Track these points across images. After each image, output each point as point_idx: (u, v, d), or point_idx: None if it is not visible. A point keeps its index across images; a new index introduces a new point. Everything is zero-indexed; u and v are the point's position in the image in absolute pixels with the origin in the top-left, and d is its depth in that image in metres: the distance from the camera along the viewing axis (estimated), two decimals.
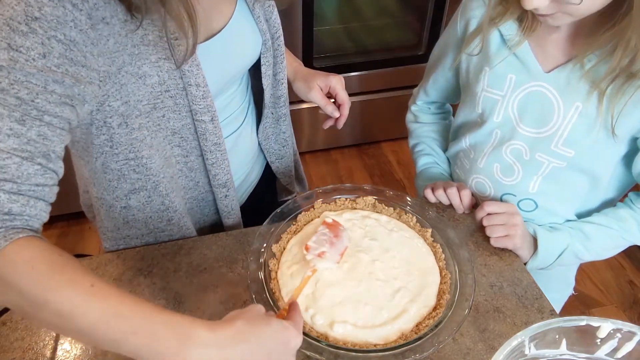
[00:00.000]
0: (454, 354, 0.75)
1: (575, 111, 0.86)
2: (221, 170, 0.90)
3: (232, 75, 0.90)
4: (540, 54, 0.88)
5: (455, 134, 1.11)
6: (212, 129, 0.84)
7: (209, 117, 0.83)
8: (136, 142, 0.78)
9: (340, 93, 1.02)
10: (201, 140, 0.85)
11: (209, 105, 0.82)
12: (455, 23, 1.00)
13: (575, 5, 0.72)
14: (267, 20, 0.93)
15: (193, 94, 0.79)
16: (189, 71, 0.77)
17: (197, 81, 0.78)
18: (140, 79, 0.73)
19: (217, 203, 0.95)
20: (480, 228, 0.94)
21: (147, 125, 0.78)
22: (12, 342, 0.75)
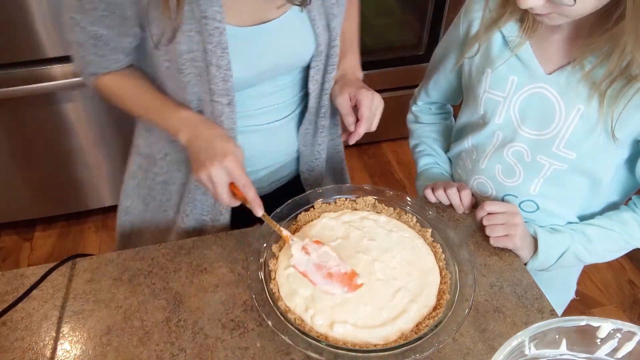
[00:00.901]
0: (454, 354, 0.75)
1: (576, 113, 0.85)
2: None
3: (271, 68, 0.89)
4: (541, 55, 0.88)
5: (457, 135, 1.11)
6: (229, 112, 0.87)
7: (226, 100, 0.85)
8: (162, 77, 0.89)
9: (363, 109, 0.93)
10: (217, 122, 0.88)
11: (228, 89, 0.84)
12: (457, 25, 1.00)
13: (569, 7, 0.72)
14: (328, 26, 0.91)
15: (213, 73, 0.82)
16: (212, 51, 0.80)
17: (220, 63, 0.81)
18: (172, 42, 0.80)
19: None
20: (480, 228, 0.94)
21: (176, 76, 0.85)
22: (12, 342, 0.75)
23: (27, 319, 0.78)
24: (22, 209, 2.18)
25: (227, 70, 0.82)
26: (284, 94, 0.97)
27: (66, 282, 0.84)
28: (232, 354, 0.74)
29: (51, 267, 0.85)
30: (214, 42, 0.79)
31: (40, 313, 0.79)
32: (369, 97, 0.93)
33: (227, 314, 0.79)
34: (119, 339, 0.76)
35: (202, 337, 0.76)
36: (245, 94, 0.90)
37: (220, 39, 0.79)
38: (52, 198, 2.18)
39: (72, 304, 0.81)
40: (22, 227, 2.26)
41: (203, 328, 0.77)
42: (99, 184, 2.19)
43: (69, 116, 1.95)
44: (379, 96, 0.95)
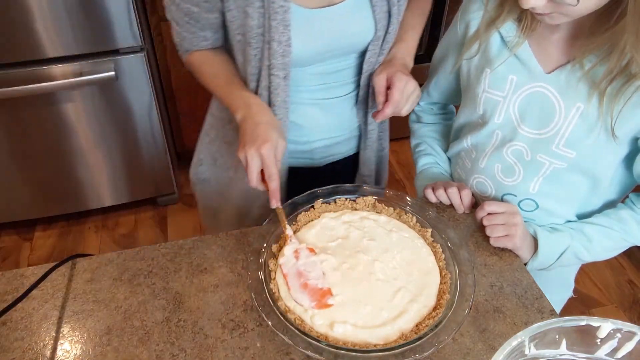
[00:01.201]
0: (454, 354, 0.75)
1: (576, 112, 0.86)
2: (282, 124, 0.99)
3: (331, 49, 0.96)
4: (540, 55, 0.88)
5: (456, 134, 1.11)
6: (284, 86, 0.95)
7: (282, 74, 0.93)
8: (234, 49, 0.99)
9: (394, 91, 0.94)
10: (273, 94, 0.96)
11: (285, 64, 0.92)
12: (455, 26, 1.00)
13: (572, 6, 0.72)
14: (389, 12, 0.96)
15: (274, 48, 0.89)
16: (275, 27, 0.87)
17: (281, 39, 0.88)
18: (244, 14, 0.89)
19: None
20: (480, 228, 0.94)
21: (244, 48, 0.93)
22: (12, 342, 0.75)
23: (27, 319, 0.78)
24: (22, 209, 2.18)
25: (286, 46, 0.89)
26: (341, 74, 1.03)
27: (66, 282, 0.84)
28: (232, 354, 0.74)
29: (51, 267, 0.85)
30: (277, 19, 0.86)
31: (40, 313, 0.79)
32: (403, 81, 0.95)
33: (227, 314, 0.79)
34: (119, 339, 0.76)
35: (202, 337, 0.76)
36: (303, 70, 0.98)
37: (284, 17, 0.86)
38: (52, 198, 2.18)
39: (72, 304, 0.81)
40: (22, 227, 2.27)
41: (203, 328, 0.77)
42: (99, 184, 2.19)
43: (69, 116, 1.95)
44: (415, 83, 0.96)
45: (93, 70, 1.84)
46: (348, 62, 1.02)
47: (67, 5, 1.70)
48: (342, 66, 1.01)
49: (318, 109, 1.06)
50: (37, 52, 1.77)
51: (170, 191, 2.35)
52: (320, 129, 1.10)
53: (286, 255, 0.81)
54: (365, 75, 1.03)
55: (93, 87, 1.90)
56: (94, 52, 1.83)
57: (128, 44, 1.84)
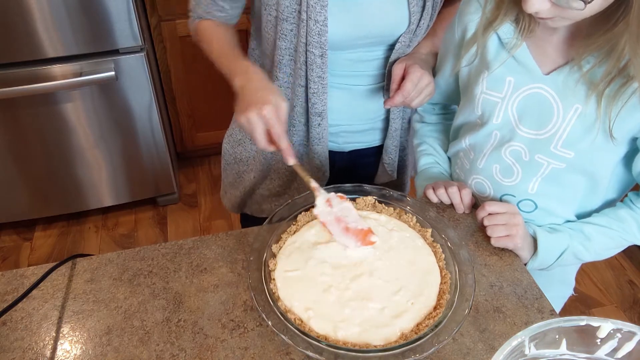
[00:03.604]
0: (454, 354, 0.75)
1: (574, 113, 0.86)
2: (319, 100, 1.04)
3: (362, 37, 1.00)
4: (539, 56, 0.88)
5: (455, 134, 1.11)
6: (320, 63, 0.99)
7: (319, 52, 0.98)
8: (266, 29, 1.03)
9: (407, 82, 0.99)
10: (309, 70, 1.00)
11: (322, 42, 0.96)
12: (452, 29, 1.00)
13: (579, 11, 0.72)
14: (423, 6, 1.00)
15: (311, 27, 0.95)
16: (312, 6, 0.93)
17: (317, 18, 0.94)
18: None
19: (310, 130, 1.10)
20: (481, 228, 0.94)
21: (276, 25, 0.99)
22: (12, 342, 0.75)
23: (27, 319, 0.78)
24: (22, 209, 2.18)
25: (323, 25, 0.94)
26: (371, 65, 1.06)
27: (66, 282, 0.84)
28: (232, 354, 0.74)
29: (51, 267, 0.85)
30: None
31: (40, 313, 0.79)
32: (418, 73, 0.99)
33: (227, 314, 0.79)
34: (119, 339, 0.76)
35: (202, 337, 0.76)
36: (335, 54, 1.01)
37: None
38: (52, 198, 2.18)
39: (72, 304, 0.81)
40: (22, 227, 2.27)
41: (203, 328, 0.77)
42: (99, 184, 2.19)
43: (68, 116, 1.95)
44: (430, 78, 1.01)
45: (93, 70, 1.84)
46: (378, 53, 1.05)
47: (67, 6, 1.70)
48: (372, 56, 1.05)
49: (346, 93, 1.09)
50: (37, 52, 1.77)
51: (170, 191, 2.36)
52: (345, 114, 1.13)
53: (319, 206, 0.85)
54: (389, 65, 1.05)
55: (93, 87, 1.90)
56: (94, 52, 1.83)
57: (128, 44, 1.85)
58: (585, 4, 0.71)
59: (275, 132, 0.86)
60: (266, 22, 1.02)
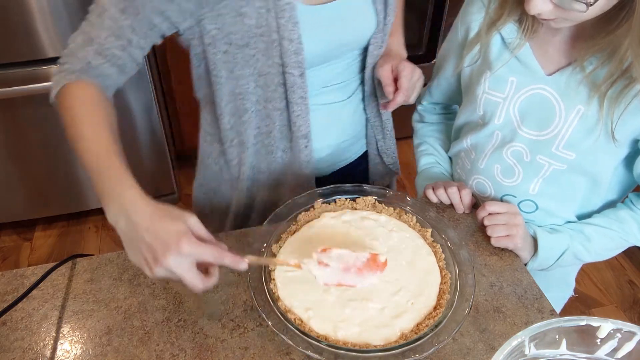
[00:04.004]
0: (454, 354, 0.75)
1: (576, 114, 0.86)
2: (304, 122, 0.97)
3: (337, 46, 0.95)
4: (541, 56, 0.88)
5: (456, 134, 1.11)
6: (300, 83, 0.92)
7: (298, 72, 0.91)
8: (220, 62, 0.90)
9: (402, 80, 0.97)
10: (289, 92, 0.93)
11: (300, 62, 0.89)
12: (456, 29, 1.00)
13: (581, 13, 0.72)
14: (385, 4, 0.97)
15: (285, 47, 0.87)
16: (284, 26, 0.85)
17: (291, 37, 0.86)
18: (239, 16, 0.84)
19: (297, 154, 1.02)
20: (480, 228, 0.94)
21: (236, 55, 0.89)
22: (12, 342, 0.75)
23: (27, 319, 0.78)
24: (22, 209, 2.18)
25: (298, 43, 0.87)
26: (347, 72, 1.03)
27: (66, 282, 0.84)
28: (232, 354, 0.74)
29: (51, 267, 0.85)
30: (285, 17, 0.85)
31: (40, 313, 0.79)
32: (410, 69, 0.98)
33: (227, 314, 0.79)
34: (119, 339, 0.76)
35: (202, 337, 0.76)
36: (312, 72, 0.95)
37: (292, 14, 0.85)
38: (52, 198, 2.18)
39: (72, 304, 0.81)
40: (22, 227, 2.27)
41: (203, 328, 0.77)
42: None
43: None
44: (420, 71, 0.99)
45: None
46: (350, 60, 1.02)
47: (67, 5, 1.70)
48: (345, 65, 1.01)
49: (325, 114, 1.03)
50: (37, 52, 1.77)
51: (170, 191, 2.35)
52: (330, 134, 1.07)
53: (318, 274, 0.74)
54: (369, 68, 1.03)
55: None
56: None
57: None
58: (587, 6, 0.70)
59: (210, 257, 0.67)
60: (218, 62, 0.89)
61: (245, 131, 0.98)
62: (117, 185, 0.70)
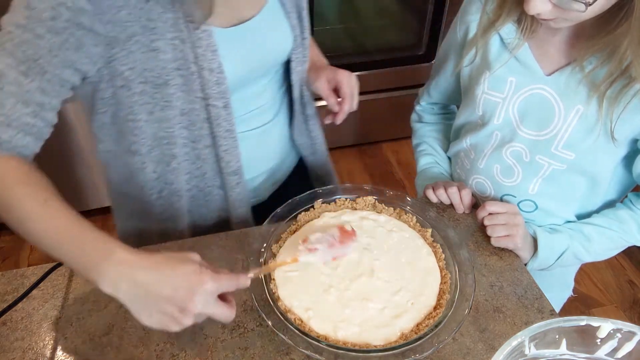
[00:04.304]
0: (454, 354, 0.75)
1: (575, 114, 0.86)
2: (233, 157, 0.90)
3: (258, 66, 0.90)
4: (541, 56, 0.88)
5: (456, 134, 1.11)
6: (225, 115, 0.85)
7: (222, 103, 0.84)
8: (136, 105, 0.81)
9: (344, 88, 0.99)
10: (214, 125, 0.86)
11: (223, 92, 0.83)
12: (455, 29, 1.00)
13: (580, 13, 0.72)
14: (299, 17, 0.94)
15: (206, 78, 0.80)
16: (202, 55, 0.78)
17: (211, 66, 0.80)
18: (152, 51, 0.76)
19: (228, 192, 0.95)
20: (481, 228, 0.94)
21: (154, 95, 0.80)
22: (12, 342, 0.75)
23: (27, 319, 0.78)
24: None
25: (219, 73, 0.81)
26: (270, 92, 0.97)
27: (66, 282, 0.84)
28: (232, 354, 0.74)
29: (51, 267, 0.85)
30: (203, 45, 0.78)
31: (40, 313, 0.79)
32: (347, 76, 0.98)
33: None
34: (119, 339, 0.76)
35: (202, 337, 0.76)
36: (236, 97, 0.87)
37: (209, 41, 0.78)
38: None
39: (72, 303, 0.81)
40: None
41: (203, 328, 0.77)
42: (99, 184, 2.19)
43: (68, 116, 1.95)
44: (354, 75, 1.00)
45: None
46: (270, 78, 0.96)
47: None
48: (267, 84, 0.95)
49: (254, 140, 0.97)
50: None
51: None
52: (262, 161, 1.02)
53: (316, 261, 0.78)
54: (297, 86, 0.99)
55: None
56: None
57: None
58: (586, 6, 0.70)
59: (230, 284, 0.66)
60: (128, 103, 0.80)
61: (177, 179, 0.90)
62: (102, 252, 0.63)
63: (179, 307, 0.61)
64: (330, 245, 0.79)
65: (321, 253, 0.78)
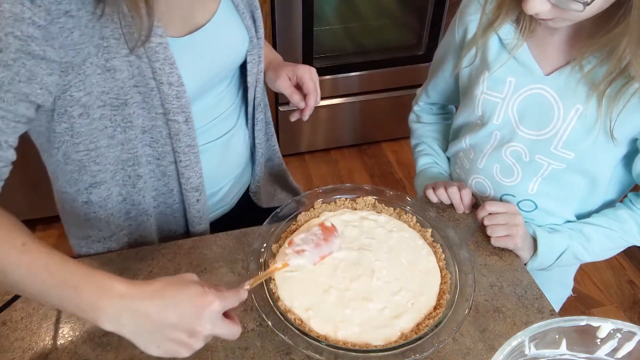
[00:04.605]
0: (454, 354, 0.75)
1: (575, 114, 0.86)
2: (194, 173, 0.88)
3: (217, 72, 0.87)
4: (539, 56, 0.88)
5: (455, 134, 1.11)
6: (186, 129, 0.82)
7: (182, 118, 0.81)
8: (96, 131, 0.78)
9: (307, 83, 0.96)
10: (174, 141, 0.83)
11: (183, 106, 0.80)
12: (453, 29, 1.00)
13: (578, 12, 0.72)
14: (253, 18, 0.93)
15: (165, 92, 0.77)
16: (160, 69, 0.75)
17: (170, 80, 0.76)
18: (108, 71, 0.73)
19: (188, 208, 0.92)
20: (481, 228, 0.94)
21: (113, 118, 0.77)
22: (12, 342, 0.75)
23: (27, 319, 0.78)
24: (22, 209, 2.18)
25: (179, 86, 0.77)
26: (228, 98, 0.95)
27: None
28: (232, 354, 0.74)
29: None
30: (160, 59, 0.74)
31: (40, 313, 0.79)
32: (308, 70, 0.97)
33: None
34: (119, 339, 0.76)
35: None
36: (197, 107, 0.86)
37: (166, 54, 0.75)
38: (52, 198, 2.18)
39: None
40: None
41: None
42: None
43: None
44: (314, 69, 0.98)
45: None
46: (228, 83, 0.94)
47: None
48: (226, 91, 0.93)
49: (218, 151, 0.95)
50: None
51: None
52: (225, 171, 0.99)
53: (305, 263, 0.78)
54: (252, 88, 0.97)
55: None
56: None
57: None
58: (584, 6, 0.71)
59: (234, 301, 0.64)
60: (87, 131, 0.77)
61: (144, 199, 0.88)
62: (97, 289, 0.59)
63: (188, 332, 0.60)
64: (315, 245, 0.79)
65: (309, 254, 0.78)
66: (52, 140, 0.79)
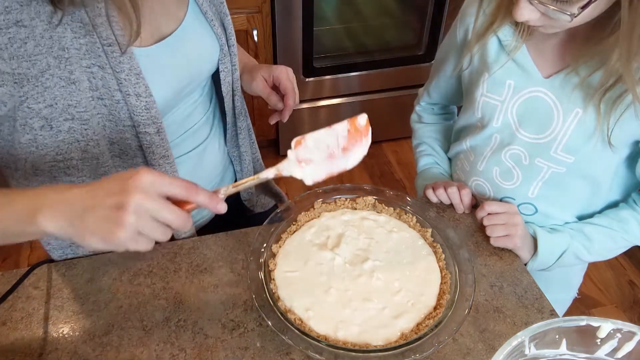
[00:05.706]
0: (454, 354, 0.75)
1: (574, 117, 0.85)
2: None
3: (187, 82, 0.85)
4: (538, 59, 0.88)
5: (456, 136, 1.11)
6: (159, 141, 0.80)
7: (154, 129, 0.78)
8: (64, 144, 0.75)
9: (284, 83, 0.94)
10: (147, 153, 0.81)
11: (154, 117, 0.77)
12: (454, 30, 1.00)
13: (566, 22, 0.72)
14: (223, 25, 0.91)
15: (133, 104, 0.74)
16: (126, 80, 0.72)
17: (137, 91, 0.74)
18: (73, 84, 0.70)
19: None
20: (480, 228, 0.94)
21: (82, 131, 0.74)
22: (12, 342, 0.75)
23: (26, 319, 0.78)
24: None
25: (147, 96, 0.75)
26: (201, 109, 0.94)
27: (66, 282, 0.84)
28: (232, 354, 0.74)
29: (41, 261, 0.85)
30: (125, 70, 0.72)
31: (40, 313, 0.79)
32: (284, 71, 0.95)
33: (227, 314, 0.79)
34: (119, 339, 0.76)
35: (202, 337, 0.76)
36: (167, 120, 0.84)
37: (132, 64, 0.72)
38: None
39: (71, 304, 0.81)
40: None
41: (203, 328, 0.77)
42: None
43: None
44: (290, 69, 0.97)
45: None
46: (200, 94, 0.92)
47: None
48: (198, 101, 0.92)
49: (192, 163, 0.94)
50: None
51: None
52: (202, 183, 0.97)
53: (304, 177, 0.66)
54: (228, 98, 0.96)
55: None
56: None
57: None
58: (571, 18, 0.71)
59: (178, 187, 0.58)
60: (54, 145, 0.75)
61: None
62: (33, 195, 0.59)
63: (116, 203, 0.54)
64: (329, 155, 0.64)
65: (314, 168, 0.64)
66: (19, 152, 0.76)
